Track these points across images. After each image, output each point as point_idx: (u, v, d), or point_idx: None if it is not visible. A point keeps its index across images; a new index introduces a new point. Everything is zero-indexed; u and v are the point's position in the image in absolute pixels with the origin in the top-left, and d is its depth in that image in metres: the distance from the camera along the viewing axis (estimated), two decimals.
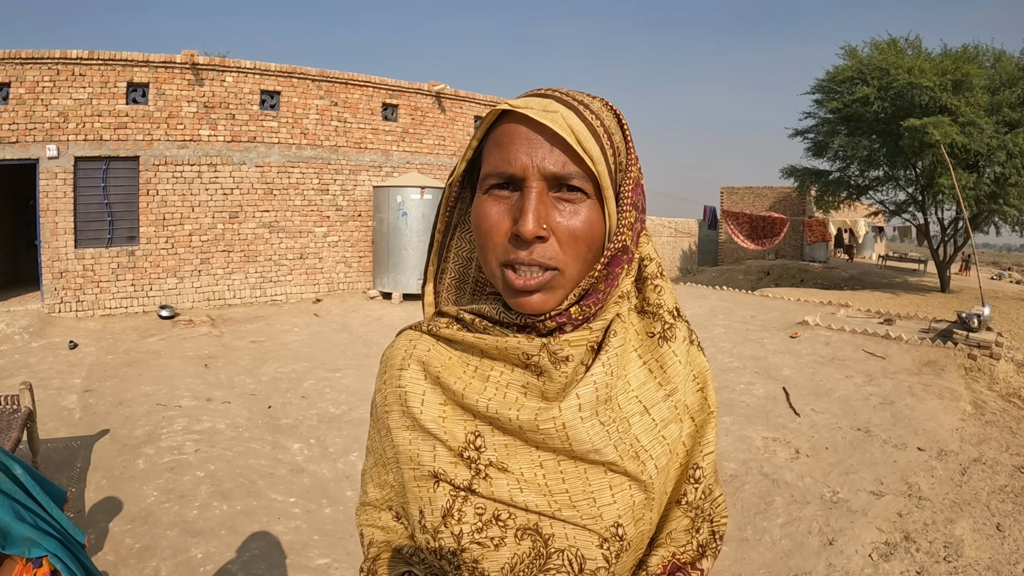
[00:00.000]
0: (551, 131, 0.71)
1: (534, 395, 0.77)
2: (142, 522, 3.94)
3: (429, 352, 0.83)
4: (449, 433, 0.78)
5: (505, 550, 0.75)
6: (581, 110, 0.73)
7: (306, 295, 12.53)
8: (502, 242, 0.74)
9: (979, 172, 15.77)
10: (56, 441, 5.15)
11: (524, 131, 0.72)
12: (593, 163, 0.72)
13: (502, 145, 0.74)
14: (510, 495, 0.76)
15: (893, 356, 8.06)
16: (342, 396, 6.57)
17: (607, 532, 0.76)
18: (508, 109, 0.74)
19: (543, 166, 0.71)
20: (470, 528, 0.76)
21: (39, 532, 1.90)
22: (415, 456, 0.79)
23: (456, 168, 0.81)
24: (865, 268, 24.00)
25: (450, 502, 0.76)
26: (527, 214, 0.70)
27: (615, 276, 0.77)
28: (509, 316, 0.78)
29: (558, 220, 0.72)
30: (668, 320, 0.84)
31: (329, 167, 12.70)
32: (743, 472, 4.82)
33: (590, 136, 0.72)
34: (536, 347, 0.76)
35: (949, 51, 16.51)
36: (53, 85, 9.85)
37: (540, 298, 0.73)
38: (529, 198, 0.71)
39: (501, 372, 0.79)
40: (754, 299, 13.50)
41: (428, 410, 0.80)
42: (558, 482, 0.76)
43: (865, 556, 3.73)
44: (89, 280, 10.30)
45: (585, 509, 0.76)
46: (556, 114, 0.71)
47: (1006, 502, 4.41)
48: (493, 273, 0.76)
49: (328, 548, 3.80)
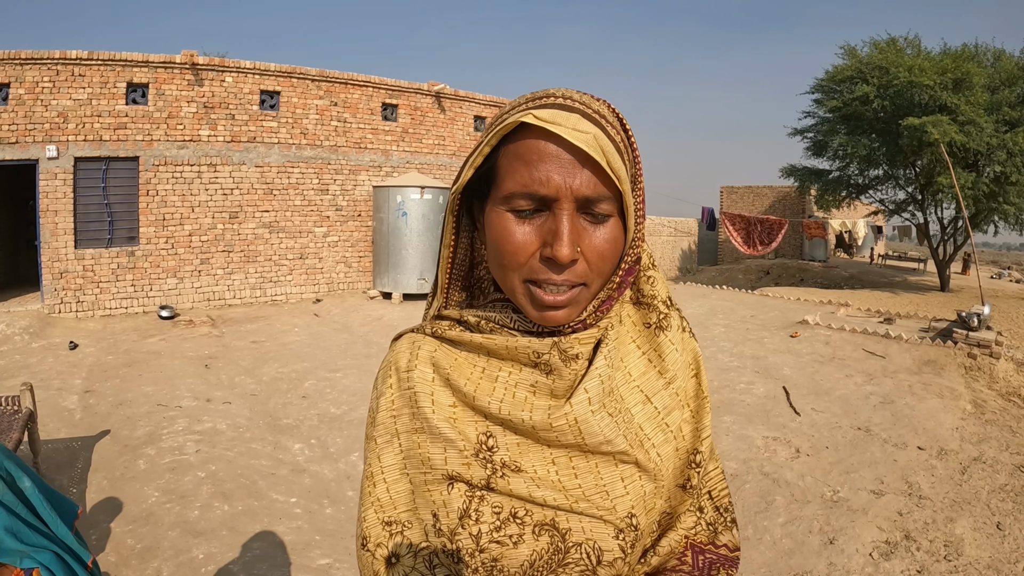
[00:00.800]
0: (583, 152, 0.69)
1: (543, 393, 0.77)
2: (143, 523, 3.94)
3: (436, 352, 0.82)
4: (462, 434, 0.78)
5: (524, 547, 0.75)
6: (605, 126, 0.72)
7: (306, 295, 12.54)
8: (528, 262, 0.73)
9: (978, 171, 15.75)
10: (57, 442, 5.16)
11: (554, 149, 0.70)
12: (620, 183, 0.71)
13: (530, 163, 0.71)
14: (528, 491, 0.76)
15: (893, 355, 8.06)
16: (343, 396, 6.57)
17: (622, 523, 0.78)
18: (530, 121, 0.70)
19: (577, 189, 0.70)
20: (488, 527, 0.75)
21: (32, 547, 1.86)
22: (426, 459, 0.78)
23: (462, 176, 0.78)
24: (864, 267, 23.99)
25: (466, 503, 0.76)
26: (562, 238, 0.70)
27: (627, 284, 0.80)
28: (525, 324, 0.78)
29: (587, 241, 0.73)
30: (663, 310, 0.86)
31: (329, 167, 12.70)
32: (744, 471, 4.82)
33: (616, 155, 0.71)
34: (547, 346, 0.76)
35: (949, 50, 16.50)
36: (53, 85, 9.86)
37: (566, 312, 0.74)
38: (563, 222, 0.70)
39: (509, 372, 0.79)
40: (754, 298, 13.51)
41: (439, 411, 0.79)
42: (571, 477, 0.77)
43: (866, 555, 3.74)
44: (89, 280, 10.31)
45: (599, 502, 0.77)
46: (588, 135, 0.69)
47: (1006, 501, 4.41)
48: (514, 288, 0.75)
49: (330, 548, 3.80)
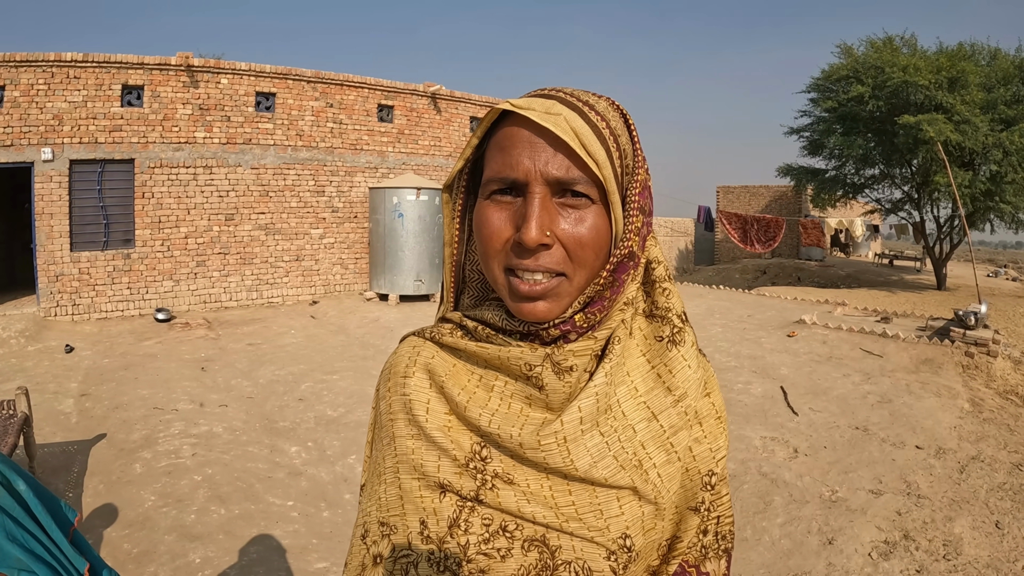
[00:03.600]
0: (554, 135, 0.69)
1: (538, 406, 0.75)
2: (140, 527, 3.92)
3: (433, 359, 0.81)
4: (455, 443, 0.76)
5: (512, 561, 0.73)
6: (586, 111, 0.71)
7: (302, 297, 12.51)
8: (504, 248, 0.72)
9: (975, 169, 15.79)
10: (53, 446, 5.13)
11: (526, 134, 0.70)
12: (598, 167, 0.70)
13: (504, 148, 0.71)
14: (517, 506, 0.74)
15: (890, 354, 8.07)
16: (339, 399, 6.55)
17: (614, 544, 0.75)
18: (510, 110, 0.71)
19: (546, 171, 0.69)
20: (477, 539, 0.74)
21: (31, 556, 1.82)
22: (419, 466, 0.77)
23: (454, 167, 0.78)
24: (862, 266, 24.03)
25: (457, 512, 0.75)
26: (530, 221, 0.68)
27: (621, 283, 0.75)
28: (512, 323, 0.76)
29: (563, 227, 0.71)
30: (677, 324, 0.81)
31: (325, 169, 12.68)
32: (742, 472, 4.82)
33: (595, 139, 0.70)
34: (539, 357, 0.74)
35: (944, 49, 16.52)
36: (48, 88, 9.83)
37: (545, 305, 0.72)
38: (532, 204, 0.69)
39: (505, 383, 0.77)
40: (751, 298, 13.51)
41: (433, 419, 0.78)
42: (564, 494, 0.75)
43: (865, 555, 3.73)
44: (85, 283, 10.27)
45: (591, 521, 0.74)
46: (559, 116, 0.69)
47: (1005, 500, 4.41)
48: (496, 279, 0.75)
49: (327, 552, 3.78)
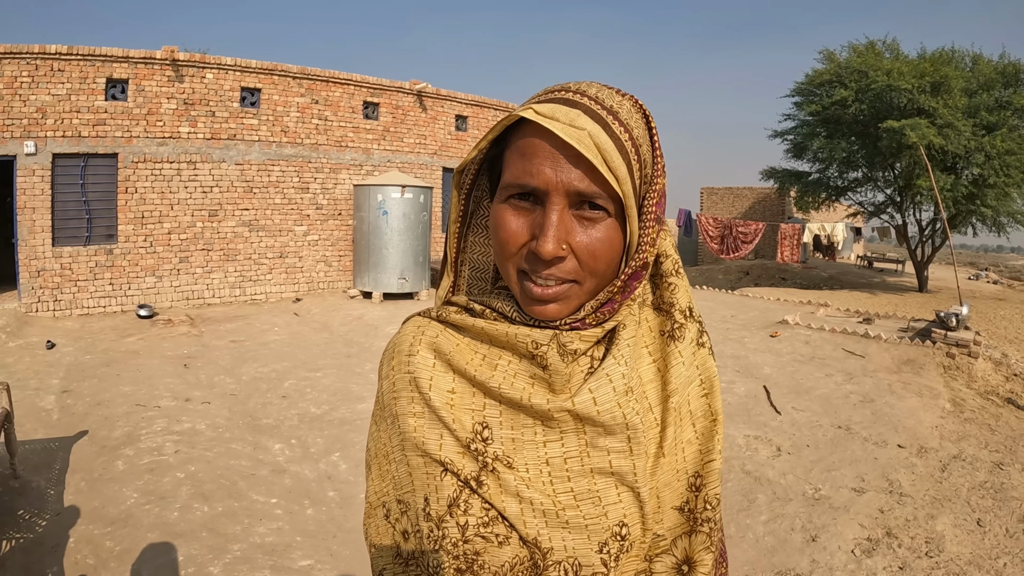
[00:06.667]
0: (577, 149, 0.68)
1: (541, 386, 0.76)
2: (122, 524, 3.88)
3: (438, 337, 0.81)
4: (457, 421, 0.77)
5: (508, 549, 0.74)
6: (609, 122, 0.71)
7: (286, 294, 12.44)
8: (519, 253, 0.73)
9: (957, 174, 15.97)
10: (34, 442, 5.06)
11: (548, 148, 0.70)
12: (619, 183, 0.70)
13: (525, 156, 0.71)
14: (516, 490, 0.74)
15: (873, 355, 8.14)
16: (323, 396, 6.52)
17: (607, 533, 0.75)
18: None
19: (567, 183, 0.69)
20: (476, 521, 0.74)
21: None
22: (421, 443, 0.77)
23: (467, 156, 0.78)
24: (844, 268, 24.25)
25: (457, 492, 0.75)
26: (547, 233, 0.69)
27: (632, 289, 0.76)
28: (522, 316, 0.78)
29: (578, 239, 0.71)
30: (679, 319, 0.82)
31: (310, 165, 12.61)
32: (725, 470, 4.84)
33: (617, 155, 0.70)
34: (546, 337, 0.75)
35: (927, 54, 16.70)
36: (31, 80, 9.69)
37: (556, 307, 0.73)
38: (551, 217, 0.70)
39: (509, 361, 0.78)
40: (734, 298, 13.60)
41: (436, 396, 0.78)
42: (563, 480, 0.75)
43: (848, 552, 3.77)
44: (67, 279, 10.15)
45: (588, 509, 0.75)
46: (583, 131, 0.68)
47: (986, 498, 4.47)
48: (510, 278, 0.76)
49: (311, 549, 3.76)
